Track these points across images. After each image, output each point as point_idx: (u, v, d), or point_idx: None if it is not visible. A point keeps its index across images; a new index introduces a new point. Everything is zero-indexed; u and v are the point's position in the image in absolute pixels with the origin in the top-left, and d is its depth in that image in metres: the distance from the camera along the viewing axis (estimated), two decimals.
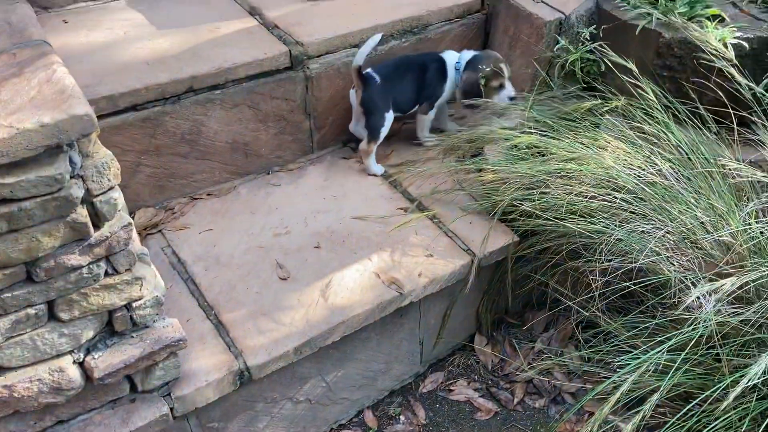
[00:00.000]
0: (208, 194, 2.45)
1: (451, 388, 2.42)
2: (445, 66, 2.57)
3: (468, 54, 2.58)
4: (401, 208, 2.40)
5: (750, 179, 1.89)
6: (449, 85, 2.59)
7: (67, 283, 1.47)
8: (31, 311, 1.46)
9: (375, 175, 2.55)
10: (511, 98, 2.53)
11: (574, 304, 2.17)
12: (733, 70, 2.00)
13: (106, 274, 1.54)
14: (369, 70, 2.45)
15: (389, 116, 2.49)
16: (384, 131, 2.50)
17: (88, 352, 1.61)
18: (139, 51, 2.36)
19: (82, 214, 1.41)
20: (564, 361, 2.42)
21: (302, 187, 2.50)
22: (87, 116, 1.31)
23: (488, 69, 2.49)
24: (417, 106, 2.62)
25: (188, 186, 2.42)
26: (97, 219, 1.47)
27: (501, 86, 2.52)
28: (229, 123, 2.38)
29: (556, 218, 2.09)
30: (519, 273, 2.38)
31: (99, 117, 2.10)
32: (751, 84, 2.04)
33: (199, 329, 1.94)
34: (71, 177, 1.37)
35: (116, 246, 1.51)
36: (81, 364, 1.60)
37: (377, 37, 2.43)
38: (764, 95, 2.05)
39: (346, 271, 2.15)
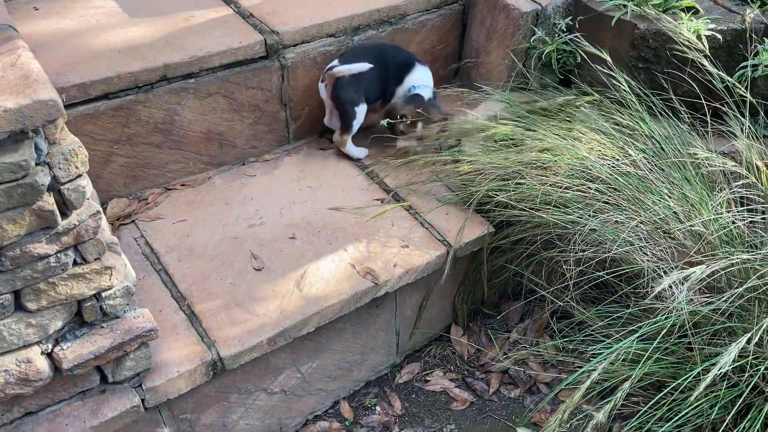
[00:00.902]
0: (183, 185, 2.42)
1: (427, 378, 2.42)
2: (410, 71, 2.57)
3: (423, 89, 2.54)
4: (377, 199, 2.39)
5: (722, 168, 1.91)
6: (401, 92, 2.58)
7: (34, 273, 1.45)
8: None
9: (359, 159, 2.54)
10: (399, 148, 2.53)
11: (548, 294, 2.19)
12: (705, 62, 2.02)
13: (75, 263, 1.51)
14: (336, 62, 2.43)
15: (361, 108, 2.47)
16: (356, 124, 2.49)
17: (56, 342, 1.58)
18: (112, 39, 2.33)
19: (48, 201, 1.38)
20: (539, 351, 2.44)
21: (278, 178, 2.48)
22: (52, 101, 1.28)
23: (414, 112, 2.45)
24: (380, 100, 2.60)
25: (162, 176, 2.39)
26: (65, 207, 1.44)
27: (402, 133, 2.51)
28: (203, 112, 2.36)
29: (531, 209, 2.09)
30: (495, 264, 2.39)
31: (70, 105, 2.08)
32: (723, 75, 2.05)
33: (172, 320, 1.92)
34: (37, 164, 1.35)
35: (85, 235, 1.48)
36: (49, 355, 1.57)
37: (366, 66, 2.41)
38: (736, 86, 2.07)
39: (322, 261, 2.13)
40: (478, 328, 2.57)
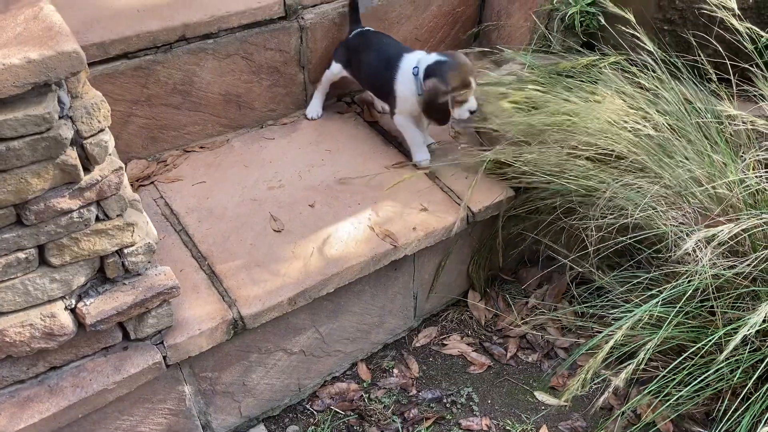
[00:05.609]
0: (201, 147, 2.42)
1: (445, 342, 2.42)
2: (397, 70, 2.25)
3: (429, 57, 2.19)
4: (397, 163, 2.38)
5: (748, 128, 1.87)
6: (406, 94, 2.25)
7: (57, 227, 1.45)
8: (22, 255, 1.44)
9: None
10: (472, 112, 2.18)
11: (568, 261, 2.17)
12: (734, 21, 1.97)
13: (98, 219, 1.51)
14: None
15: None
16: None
17: (80, 298, 1.59)
18: None
19: (71, 155, 1.38)
20: (557, 317, 2.43)
21: (296, 141, 2.47)
22: (75, 53, 1.27)
23: (456, 81, 2.12)
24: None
25: (180, 138, 2.39)
26: (88, 162, 1.44)
27: (464, 100, 2.16)
28: (222, 74, 2.34)
29: (551, 175, 2.07)
30: (512, 231, 2.37)
31: (90, 65, 2.05)
32: (753, 29, 1.97)
33: (193, 279, 1.93)
34: (60, 117, 1.34)
35: (107, 190, 1.48)
36: (73, 311, 1.59)
37: None
38: None
39: (341, 224, 2.13)
40: (495, 294, 2.56)
